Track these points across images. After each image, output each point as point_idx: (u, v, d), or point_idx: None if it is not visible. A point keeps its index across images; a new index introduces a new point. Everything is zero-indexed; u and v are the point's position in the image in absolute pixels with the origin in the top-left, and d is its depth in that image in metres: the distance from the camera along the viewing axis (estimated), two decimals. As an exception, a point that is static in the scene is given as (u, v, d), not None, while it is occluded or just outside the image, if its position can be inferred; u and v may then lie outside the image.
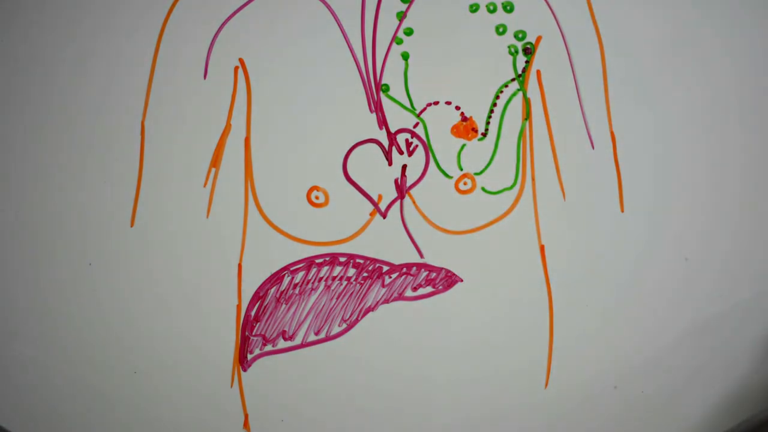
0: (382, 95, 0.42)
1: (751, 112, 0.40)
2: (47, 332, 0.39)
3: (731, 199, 0.39)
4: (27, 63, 0.42)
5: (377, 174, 0.41)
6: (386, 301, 0.39)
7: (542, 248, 0.39)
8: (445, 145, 0.41)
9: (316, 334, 0.38)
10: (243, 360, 0.38)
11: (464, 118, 0.41)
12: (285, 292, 0.39)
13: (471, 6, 0.43)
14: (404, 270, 0.39)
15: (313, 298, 0.39)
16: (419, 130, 0.41)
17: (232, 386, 0.38)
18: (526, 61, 0.41)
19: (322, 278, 0.39)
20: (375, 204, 0.40)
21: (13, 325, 0.39)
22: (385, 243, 0.40)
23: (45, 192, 0.41)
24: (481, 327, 0.38)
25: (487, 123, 0.40)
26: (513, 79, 0.40)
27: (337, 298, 0.39)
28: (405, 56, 0.42)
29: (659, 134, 0.40)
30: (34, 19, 0.43)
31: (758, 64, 0.41)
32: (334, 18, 0.43)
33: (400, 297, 0.39)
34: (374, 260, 0.39)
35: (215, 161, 0.41)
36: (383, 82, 0.42)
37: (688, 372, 0.38)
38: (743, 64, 0.41)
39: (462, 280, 0.39)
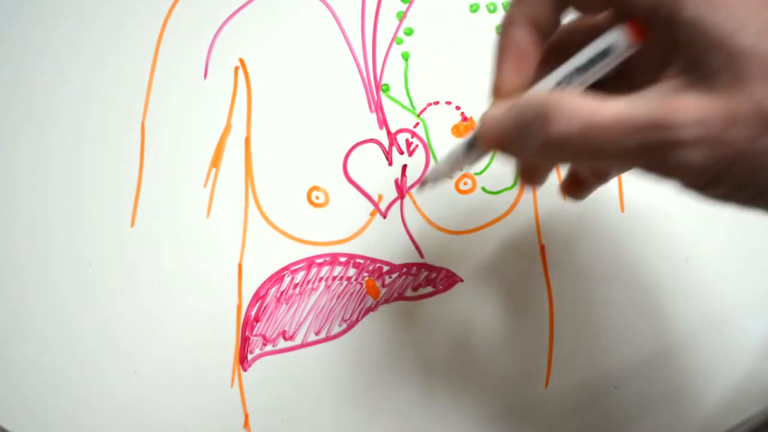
0: (382, 95, 0.42)
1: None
2: (47, 332, 0.38)
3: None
4: (27, 63, 0.42)
5: (377, 174, 0.41)
6: (386, 301, 0.39)
7: (542, 248, 0.39)
8: (445, 145, 0.41)
9: (317, 334, 0.38)
10: (243, 360, 0.38)
11: (464, 118, 0.41)
12: (285, 292, 0.39)
13: (471, 6, 0.43)
14: (404, 270, 0.39)
15: (313, 298, 0.39)
16: (419, 130, 0.41)
17: (232, 386, 0.38)
18: (526, 61, 0.41)
19: (322, 278, 0.39)
20: (375, 204, 0.40)
21: (13, 324, 0.39)
22: (385, 243, 0.40)
23: (45, 192, 0.41)
24: (481, 327, 0.38)
25: (487, 123, 0.40)
26: (513, 79, 0.40)
27: (338, 298, 0.39)
28: (405, 56, 0.42)
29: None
30: (34, 19, 0.43)
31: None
32: (334, 18, 0.43)
33: (400, 297, 0.39)
34: (374, 260, 0.39)
35: (215, 161, 0.41)
36: (383, 82, 0.42)
37: (688, 372, 0.38)
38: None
39: (462, 280, 0.39)
